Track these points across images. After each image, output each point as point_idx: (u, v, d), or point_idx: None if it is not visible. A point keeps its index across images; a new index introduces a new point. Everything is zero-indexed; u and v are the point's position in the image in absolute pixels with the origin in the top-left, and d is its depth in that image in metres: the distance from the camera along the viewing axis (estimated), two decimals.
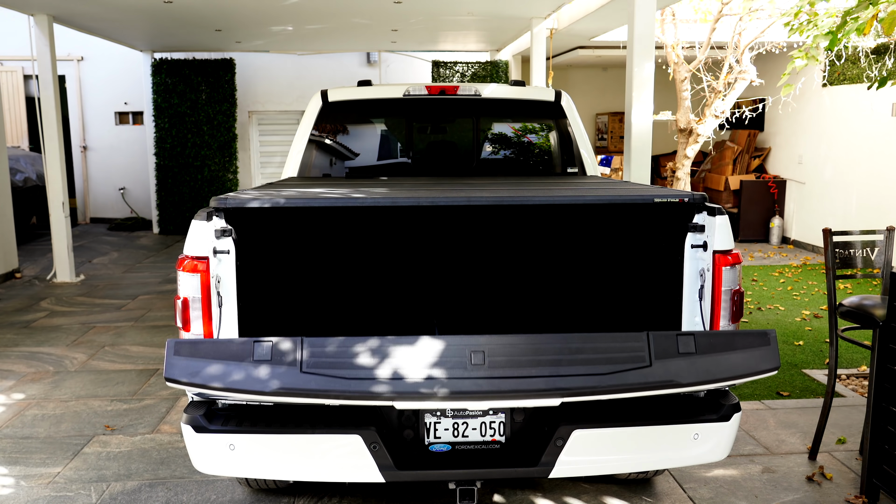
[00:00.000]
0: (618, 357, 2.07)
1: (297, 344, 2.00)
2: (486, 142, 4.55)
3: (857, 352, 4.99)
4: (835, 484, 3.18)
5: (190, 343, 2.03)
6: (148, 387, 4.48)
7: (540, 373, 2.07)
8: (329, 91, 4.30)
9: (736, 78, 7.77)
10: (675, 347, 2.08)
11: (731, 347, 2.13)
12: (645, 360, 2.06)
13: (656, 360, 2.06)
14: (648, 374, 2.05)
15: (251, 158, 11.97)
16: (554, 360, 2.09)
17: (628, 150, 5.48)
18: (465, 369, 2.02)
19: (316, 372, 2.00)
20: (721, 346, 2.12)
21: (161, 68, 10.78)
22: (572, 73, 12.30)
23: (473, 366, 2.02)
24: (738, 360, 2.13)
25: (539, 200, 2.60)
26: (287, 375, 1.98)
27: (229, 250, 2.48)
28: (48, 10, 7.26)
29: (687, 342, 2.08)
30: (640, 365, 2.05)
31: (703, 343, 2.10)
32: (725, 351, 2.12)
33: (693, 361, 2.08)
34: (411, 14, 7.78)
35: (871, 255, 3.43)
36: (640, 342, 2.07)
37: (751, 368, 2.14)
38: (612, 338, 2.09)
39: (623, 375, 2.04)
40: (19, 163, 9.66)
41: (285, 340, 2.03)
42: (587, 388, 2.03)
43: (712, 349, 2.10)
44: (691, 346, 2.08)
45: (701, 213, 2.58)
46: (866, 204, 8.12)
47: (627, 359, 2.07)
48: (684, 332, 2.11)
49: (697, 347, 2.09)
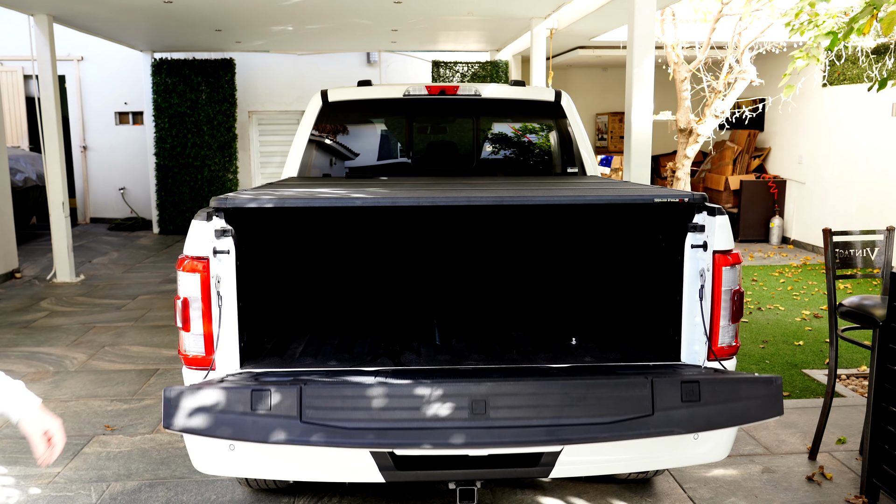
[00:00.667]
0: (620, 406, 2.04)
1: (296, 392, 1.96)
2: (486, 142, 4.55)
3: (857, 352, 4.99)
4: (835, 484, 3.18)
5: (186, 392, 1.98)
6: (148, 387, 4.47)
7: (541, 422, 2.05)
8: (329, 91, 4.30)
9: (736, 78, 7.77)
10: (679, 396, 2.04)
11: (734, 395, 2.09)
12: (648, 409, 2.04)
13: (658, 409, 2.04)
14: (650, 422, 2.04)
15: (251, 158, 11.97)
16: (556, 408, 2.07)
17: (628, 150, 5.48)
18: (467, 419, 1.99)
19: (317, 422, 1.97)
20: (724, 393, 2.08)
21: (161, 68, 10.78)
22: (572, 73, 12.30)
23: (475, 415, 1.99)
24: (741, 408, 2.09)
25: (539, 200, 2.59)
26: (288, 427, 1.95)
27: (229, 250, 2.48)
28: (48, 9, 7.26)
29: (691, 390, 2.04)
30: (642, 414, 2.03)
31: (707, 391, 2.05)
32: (729, 399, 2.08)
33: (695, 411, 2.05)
34: (411, 14, 7.78)
35: (871, 255, 3.43)
36: (643, 390, 2.04)
37: (754, 416, 2.11)
38: (615, 384, 2.07)
39: (625, 424, 2.03)
40: (19, 163, 9.66)
41: (285, 389, 1.98)
42: (589, 437, 2.02)
43: (715, 397, 2.06)
44: (695, 394, 2.04)
45: (701, 213, 2.57)
46: (866, 204, 8.12)
47: (629, 409, 2.04)
48: (688, 379, 2.06)
49: (701, 395, 2.05)
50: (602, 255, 3.24)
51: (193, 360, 2.51)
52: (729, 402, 2.07)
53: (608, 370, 2.54)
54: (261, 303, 2.84)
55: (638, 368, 2.63)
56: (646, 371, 2.33)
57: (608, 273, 3.23)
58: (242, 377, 2.35)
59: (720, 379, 2.11)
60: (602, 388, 2.05)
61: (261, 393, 1.94)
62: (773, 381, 2.11)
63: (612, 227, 3.20)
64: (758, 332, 5.58)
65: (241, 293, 2.56)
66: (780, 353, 5.07)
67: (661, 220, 2.82)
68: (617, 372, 2.37)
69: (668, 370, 2.18)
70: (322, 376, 2.51)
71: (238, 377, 2.36)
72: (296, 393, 1.96)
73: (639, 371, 2.31)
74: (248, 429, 1.95)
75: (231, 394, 1.96)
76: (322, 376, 2.51)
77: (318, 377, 2.12)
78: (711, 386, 2.07)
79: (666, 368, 2.56)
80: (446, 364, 2.69)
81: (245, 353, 2.63)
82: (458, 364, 2.68)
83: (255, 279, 2.78)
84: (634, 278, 3.13)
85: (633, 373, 2.18)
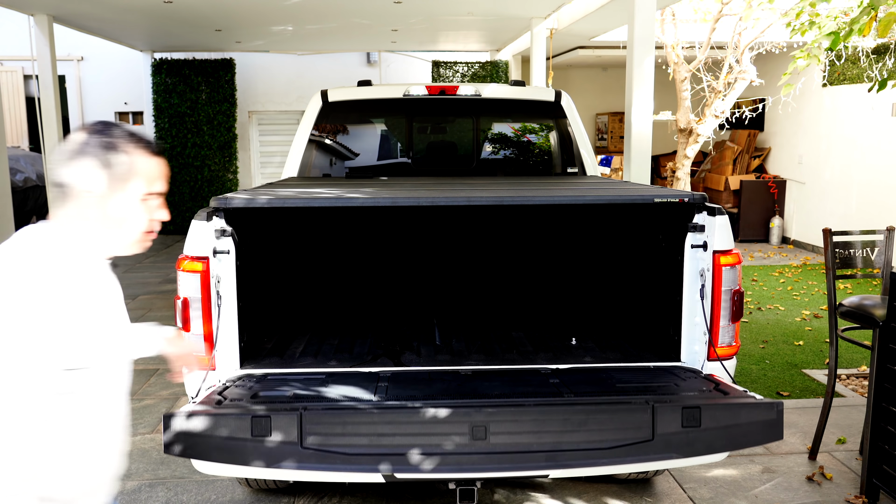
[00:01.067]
0: (620, 431, 2.04)
1: (296, 419, 1.97)
2: (486, 142, 4.55)
3: (857, 352, 4.98)
4: (835, 484, 3.18)
5: (186, 418, 1.98)
6: (148, 387, 4.47)
7: (542, 447, 2.06)
8: (329, 91, 4.30)
9: (736, 78, 7.77)
10: (679, 421, 2.04)
11: (734, 420, 2.08)
12: (648, 434, 2.04)
13: (658, 434, 2.04)
14: (650, 448, 2.04)
15: (251, 158, 11.97)
16: (556, 433, 2.07)
17: (628, 150, 5.48)
18: (467, 444, 2.00)
19: (317, 448, 1.97)
20: (725, 419, 2.08)
21: (161, 68, 10.78)
22: (572, 73, 12.29)
23: (476, 440, 2.00)
24: (740, 433, 2.08)
25: (539, 200, 2.59)
26: (289, 453, 1.97)
27: (229, 250, 2.48)
28: (48, 10, 7.26)
29: (692, 415, 2.04)
30: (642, 439, 2.03)
31: (708, 416, 2.05)
32: (729, 425, 2.08)
33: (695, 436, 2.05)
34: (411, 14, 7.78)
35: (871, 255, 3.43)
36: (643, 415, 2.04)
37: (753, 441, 2.11)
38: (616, 410, 2.07)
39: (625, 450, 2.03)
40: (19, 163, 9.65)
41: (285, 415, 1.98)
42: (588, 462, 2.02)
43: (716, 422, 2.06)
44: (696, 419, 2.04)
45: (701, 213, 2.57)
46: (866, 204, 8.12)
47: (630, 434, 2.05)
48: (689, 405, 2.06)
49: (702, 421, 2.05)
50: (602, 255, 3.23)
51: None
52: (729, 427, 2.07)
53: (607, 374, 2.54)
54: (261, 303, 2.83)
55: (638, 370, 2.63)
56: (647, 388, 2.31)
57: (608, 273, 3.22)
58: (241, 389, 2.34)
59: (721, 404, 2.10)
60: (603, 413, 2.06)
61: (261, 420, 1.95)
62: (775, 407, 2.10)
63: (613, 227, 3.19)
64: (758, 331, 5.58)
65: (241, 293, 2.56)
66: (780, 352, 5.07)
67: (662, 220, 2.82)
68: (616, 388, 2.35)
69: (669, 395, 2.17)
70: (322, 382, 2.52)
71: (237, 389, 2.35)
72: (296, 419, 1.96)
73: (640, 389, 2.30)
74: (249, 455, 1.96)
75: (231, 420, 1.96)
76: (322, 382, 2.52)
77: (317, 403, 2.12)
78: (712, 411, 2.06)
79: (666, 373, 2.56)
80: (446, 364, 2.69)
81: (245, 353, 2.63)
82: (458, 364, 2.68)
83: (255, 279, 2.77)
84: (634, 278, 3.13)
85: (634, 395, 2.16)
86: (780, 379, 4.54)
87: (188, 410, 2.03)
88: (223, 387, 2.39)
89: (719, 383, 2.37)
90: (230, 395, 2.27)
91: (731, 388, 2.31)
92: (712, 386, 2.34)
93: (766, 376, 4.58)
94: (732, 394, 2.22)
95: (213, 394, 2.28)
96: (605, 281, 3.22)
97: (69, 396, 1.35)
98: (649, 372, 2.60)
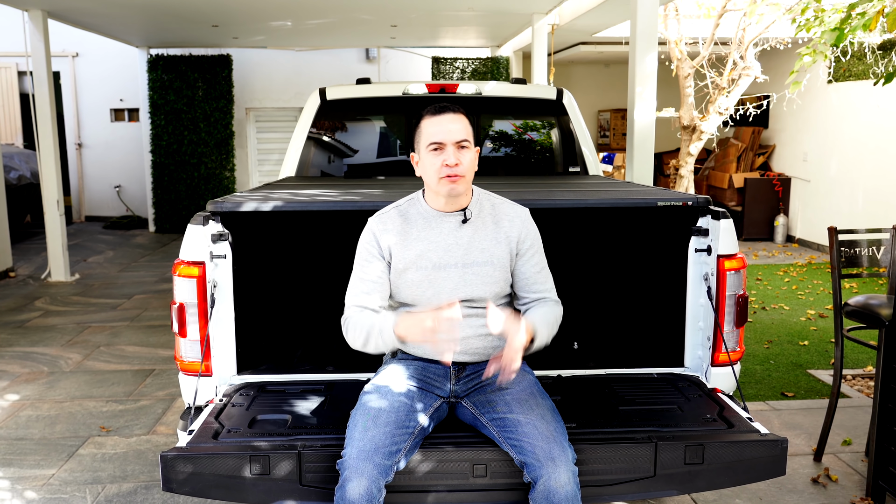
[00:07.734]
0: (621, 468, 2.03)
1: (295, 458, 1.97)
2: (487, 140, 4.50)
3: (862, 352, 4.94)
4: (840, 486, 3.14)
5: (184, 456, 1.98)
6: (144, 388, 4.43)
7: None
8: (327, 89, 4.25)
9: (740, 74, 7.70)
10: (682, 458, 2.02)
11: (738, 458, 2.06)
12: (649, 470, 2.02)
13: (660, 471, 2.02)
14: (651, 484, 2.03)
15: (248, 156, 11.90)
16: None
17: (631, 147, 5.42)
18: (467, 481, 2.00)
19: (317, 486, 1.98)
20: (728, 456, 2.05)
21: (157, 64, 10.69)
22: (574, 70, 12.22)
23: (475, 478, 2.00)
24: (743, 469, 2.06)
25: (539, 204, 2.54)
26: (287, 491, 1.98)
27: (226, 254, 2.43)
28: (43, 5, 7.19)
29: (695, 453, 2.02)
30: (643, 476, 2.02)
31: (711, 454, 2.03)
32: (732, 462, 2.05)
33: (697, 472, 2.03)
34: (411, 9, 7.72)
35: (878, 254, 3.39)
36: (645, 451, 2.02)
37: (755, 477, 2.09)
38: (617, 447, 2.05)
39: (625, 486, 2.02)
40: (13, 160, 9.59)
41: (283, 454, 1.98)
42: (588, 496, 2.00)
43: (719, 459, 2.04)
44: (698, 456, 2.02)
45: (705, 217, 2.53)
46: (872, 202, 8.07)
47: (630, 469, 2.03)
48: (693, 442, 2.04)
49: (705, 458, 2.03)
50: (604, 259, 3.19)
51: (189, 366, 2.47)
52: (732, 464, 2.05)
53: (609, 388, 2.50)
54: (258, 308, 2.79)
55: (640, 379, 2.59)
56: (650, 414, 2.28)
57: (610, 277, 3.18)
58: (238, 409, 2.31)
59: (725, 442, 2.07)
60: (604, 450, 2.04)
61: (259, 458, 1.96)
62: (779, 444, 2.07)
63: (615, 231, 3.15)
64: (762, 331, 5.54)
65: (238, 298, 2.51)
66: (785, 352, 5.03)
67: (665, 224, 2.77)
68: (619, 411, 2.32)
69: (671, 428, 2.15)
70: (320, 392, 2.48)
71: (234, 409, 2.31)
72: (294, 458, 1.97)
73: (643, 414, 2.27)
74: (247, 492, 1.98)
75: (229, 459, 1.97)
76: (320, 392, 2.48)
77: (315, 438, 2.10)
78: (715, 449, 2.04)
79: (669, 385, 2.51)
80: None
81: (242, 359, 2.58)
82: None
83: (253, 283, 2.73)
84: (637, 282, 3.08)
85: (637, 428, 2.15)
86: (784, 379, 4.49)
87: (185, 448, 2.02)
88: (220, 405, 2.34)
89: (724, 407, 2.32)
90: (227, 419, 2.23)
91: (734, 414, 2.27)
92: (716, 411, 2.29)
93: (770, 377, 4.54)
94: (737, 425, 2.18)
95: (210, 417, 2.24)
96: (607, 285, 3.17)
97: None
98: (653, 383, 2.54)
